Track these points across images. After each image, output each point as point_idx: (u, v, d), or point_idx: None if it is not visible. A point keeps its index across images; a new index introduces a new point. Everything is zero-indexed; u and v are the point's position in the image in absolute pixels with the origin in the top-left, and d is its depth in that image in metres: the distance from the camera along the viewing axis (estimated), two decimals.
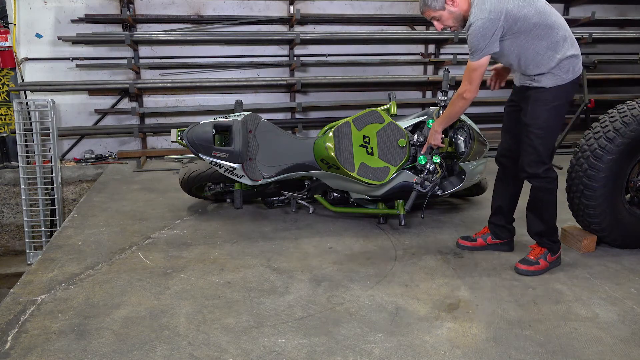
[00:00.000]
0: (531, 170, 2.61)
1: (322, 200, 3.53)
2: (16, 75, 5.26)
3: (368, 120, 3.19)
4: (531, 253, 2.80)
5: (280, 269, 2.83)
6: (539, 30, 2.44)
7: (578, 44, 2.55)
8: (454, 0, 2.51)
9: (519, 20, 2.42)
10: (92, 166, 5.35)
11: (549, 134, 2.57)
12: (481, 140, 3.19)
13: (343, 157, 3.10)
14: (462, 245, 3.10)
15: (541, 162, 2.59)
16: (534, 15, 2.43)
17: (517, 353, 2.07)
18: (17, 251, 5.24)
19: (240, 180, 3.30)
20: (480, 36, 2.40)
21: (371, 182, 3.09)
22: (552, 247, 2.77)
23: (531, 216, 2.78)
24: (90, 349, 2.07)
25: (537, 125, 2.55)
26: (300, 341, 2.14)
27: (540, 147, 2.56)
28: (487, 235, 3.06)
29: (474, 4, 2.46)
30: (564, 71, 2.50)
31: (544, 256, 2.76)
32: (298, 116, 6.05)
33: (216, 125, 3.21)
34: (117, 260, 2.94)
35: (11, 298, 2.47)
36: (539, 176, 2.61)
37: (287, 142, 3.39)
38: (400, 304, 2.44)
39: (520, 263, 2.77)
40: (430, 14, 2.59)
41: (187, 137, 3.19)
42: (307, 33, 5.70)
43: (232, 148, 3.15)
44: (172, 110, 5.72)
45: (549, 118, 2.54)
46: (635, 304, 2.46)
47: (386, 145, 3.14)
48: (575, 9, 6.46)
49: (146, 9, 5.51)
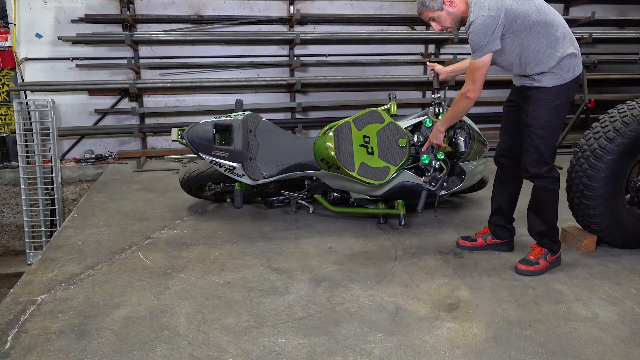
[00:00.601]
0: (534, 170, 2.60)
1: (322, 200, 3.53)
2: (16, 75, 5.26)
3: (368, 120, 3.20)
4: (531, 253, 2.79)
5: (280, 269, 2.83)
6: (539, 28, 2.45)
7: (578, 43, 2.56)
8: (452, 1, 2.51)
9: (519, 18, 2.42)
10: (92, 166, 5.35)
11: (550, 133, 2.56)
12: (481, 140, 3.19)
13: (343, 156, 3.11)
14: (462, 245, 3.10)
15: (544, 162, 2.58)
16: (533, 12, 2.44)
17: (517, 353, 2.06)
18: (17, 251, 5.24)
19: (241, 180, 3.30)
20: (481, 33, 2.40)
21: (371, 181, 3.10)
22: (552, 247, 2.77)
23: (532, 216, 2.77)
24: (90, 349, 2.07)
25: (539, 125, 2.54)
26: (300, 341, 2.14)
27: (542, 146, 2.55)
28: (487, 235, 3.06)
29: (472, 3, 2.45)
30: (565, 70, 2.50)
31: (544, 256, 2.76)
32: (298, 116, 6.05)
33: (216, 124, 3.21)
34: (117, 260, 2.94)
35: (11, 298, 2.47)
36: (541, 176, 2.60)
37: (288, 142, 3.39)
38: (400, 304, 2.44)
39: (520, 263, 2.77)
40: (428, 15, 2.59)
41: (187, 136, 3.19)
42: (307, 33, 5.70)
43: (232, 147, 3.16)
44: (172, 110, 5.72)
45: (550, 117, 2.53)
46: (635, 304, 2.46)
47: (386, 145, 3.15)
48: (575, 9, 6.46)
49: (146, 9, 5.51)
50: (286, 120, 6.04)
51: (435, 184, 2.99)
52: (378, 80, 5.92)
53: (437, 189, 3.01)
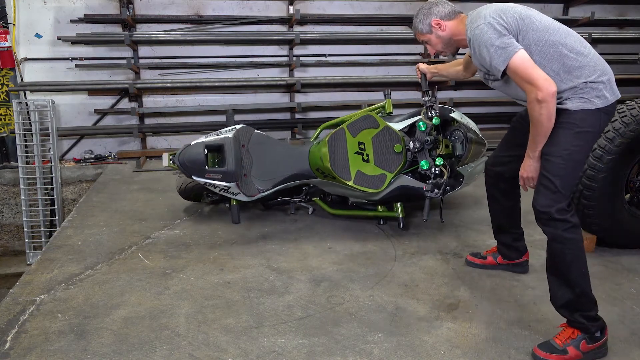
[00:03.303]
0: (542, 208, 2.02)
1: (320, 202, 3.52)
2: (16, 76, 5.25)
3: (363, 126, 3.12)
4: (559, 336, 2.07)
5: (279, 269, 2.83)
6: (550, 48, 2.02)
7: None
8: (441, 24, 2.29)
9: (526, 19, 2.03)
10: (91, 166, 5.35)
11: (570, 165, 2.02)
12: (479, 140, 3.12)
13: (339, 166, 3.04)
14: (471, 262, 2.87)
15: (555, 200, 2.00)
16: (546, 25, 2.05)
17: (516, 353, 2.06)
18: (17, 251, 5.23)
19: (237, 198, 3.25)
20: (488, 40, 1.98)
21: (368, 190, 3.05)
22: (589, 328, 2.02)
23: (553, 280, 2.11)
24: (90, 349, 2.07)
25: (556, 152, 2.02)
26: (299, 341, 2.14)
27: (557, 179, 2.01)
28: (497, 254, 2.83)
29: (469, 20, 2.14)
30: (593, 94, 2.00)
31: (577, 343, 2.02)
32: (298, 116, 6.05)
33: (207, 145, 3.15)
34: (117, 260, 2.94)
35: (11, 298, 2.47)
36: (551, 217, 2.00)
37: (282, 153, 3.32)
38: (400, 304, 2.44)
39: (541, 349, 2.04)
40: (419, 38, 2.41)
41: (178, 160, 3.13)
42: (307, 33, 5.71)
43: (225, 168, 3.10)
44: (171, 111, 5.72)
45: (572, 145, 2.01)
46: (635, 304, 2.46)
47: (382, 151, 3.08)
48: (574, 9, 6.46)
49: (146, 9, 5.51)
50: (286, 121, 6.04)
51: (439, 190, 2.87)
52: (377, 80, 5.92)
53: (440, 195, 2.88)
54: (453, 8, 2.33)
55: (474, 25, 2.06)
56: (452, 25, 2.30)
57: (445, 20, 2.30)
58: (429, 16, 2.31)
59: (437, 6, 2.32)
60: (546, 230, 2.05)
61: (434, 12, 2.31)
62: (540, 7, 6.37)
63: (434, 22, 2.30)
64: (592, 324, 2.02)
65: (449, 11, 2.31)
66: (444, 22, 2.30)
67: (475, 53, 2.09)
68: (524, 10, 2.08)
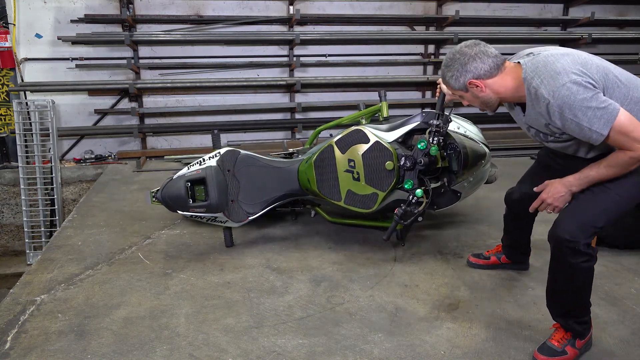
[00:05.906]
0: (571, 237, 1.84)
1: (319, 210, 3.46)
2: (16, 76, 5.26)
3: (352, 141, 2.89)
4: (554, 337, 2.06)
5: (280, 269, 2.83)
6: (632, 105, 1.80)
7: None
8: (480, 86, 1.89)
9: (609, 73, 1.78)
10: (91, 166, 5.35)
11: (621, 209, 1.87)
12: (477, 153, 2.89)
13: (327, 187, 2.92)
14: (473, 263, 2.84)
15: (587, 234, 1.85)
16: (628, 78, 1.84)
17: (517, 353, 2.06)
18: (17, 251, 5.24)
19: (226, 225, 3.17)
20: (582, 102, 1.68)
21: (360, 210, 2.91)
22: (581, 331, 2.05)
23: (554, 297, 2.07)
24: (90, 349, 2.07)
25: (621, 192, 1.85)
26: (300, 341, 2.14)
27: (603, 215, 1.85)
28: (500, 254, 2.81)
29: (530, 76, 1.79)
30: None
31: (572, 342, 2.04)
32: (298, 116, 6.05)
33: (188, 179, 3.03)
34: (117, 260, 2.94)
35: (11, 298, 2.47)
36: (576, 250, 1.85)
37: (270, 173, 3.17)
38: (400, 304, 2.44)
39: (541, 352, 2.03)
40: (450, 91, 2.07)
41: (161, 197, 3.03)
42: (307, 33, 5.71)
43: (207, 202, 3.01)
44: (171, 111, 5.72)
45: (636, 193, 1.87)
46: (635, 304, 2.46)
47: (373, 169, 2.85)
48: (574, 9, 6.45)
49: (146, 9, 5.51)
50: (285, 121, 6.05)
51: (406, 220, 2.63)
52: (378, 80, 5.92)
53: (408, 224, 2.68)
54: (495, 61, 1.88)
55: (554, 85, 1.71)
56: (495, 83, 1.90)
57: (485, 79, 1.89)
58: (464, 74, 1.90)
59: (474, 61, 1.88)
60: (563, 258, 1.90)
61: (471, 69, 1.88)
62: (540, 7, 6.41)
63: (470, 82, 1.91)
64: (583, 327, 2.04)
65: (489, 67, 1.88)
66: (483, 81, 1.90)
67: (563, 118, 1.73)
68: (602, 62, 1.82)
